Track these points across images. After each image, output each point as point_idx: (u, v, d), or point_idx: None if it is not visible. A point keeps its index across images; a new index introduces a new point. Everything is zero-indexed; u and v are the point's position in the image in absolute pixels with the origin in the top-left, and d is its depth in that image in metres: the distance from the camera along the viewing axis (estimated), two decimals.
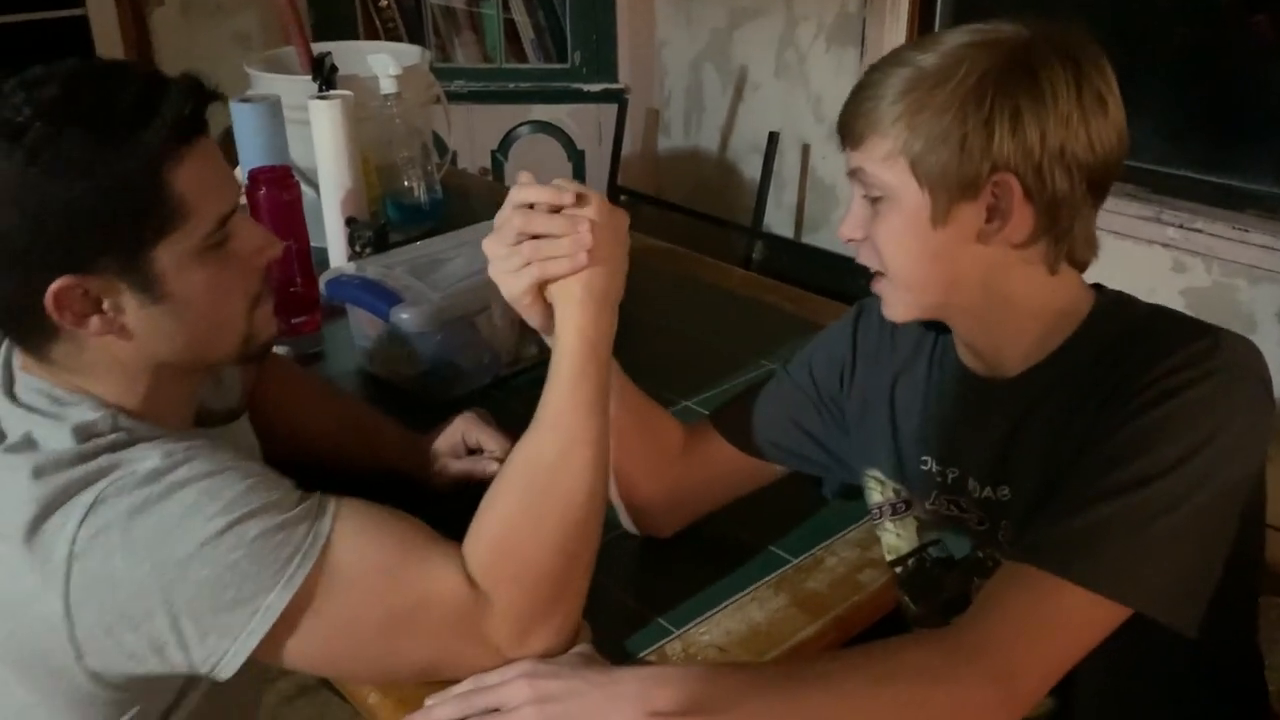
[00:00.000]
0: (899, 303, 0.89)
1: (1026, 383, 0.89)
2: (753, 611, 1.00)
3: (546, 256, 0.87)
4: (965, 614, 0.82)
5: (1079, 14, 2.45)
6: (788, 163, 3.00)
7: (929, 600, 0.99)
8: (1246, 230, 2.13)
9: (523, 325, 1.39)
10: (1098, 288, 0.90)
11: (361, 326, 1.41)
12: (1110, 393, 0.82)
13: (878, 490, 1.02)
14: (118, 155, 0.78)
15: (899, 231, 0.85)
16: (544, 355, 1.44)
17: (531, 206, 0.88)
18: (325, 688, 1.84)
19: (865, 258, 0.89)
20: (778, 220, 3.05)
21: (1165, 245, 2.26)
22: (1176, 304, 2.25)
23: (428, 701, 0.88)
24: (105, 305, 0.81)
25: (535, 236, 0.88)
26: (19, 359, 0.88)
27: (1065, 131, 0.80)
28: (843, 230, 0.89)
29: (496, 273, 0.90)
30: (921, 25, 2.69)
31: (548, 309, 0.91)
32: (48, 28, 2.80)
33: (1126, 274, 0.91)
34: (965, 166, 0.81)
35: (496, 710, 0.85)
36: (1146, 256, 2.27)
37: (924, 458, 0.97)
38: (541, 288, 0.89)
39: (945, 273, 0.86)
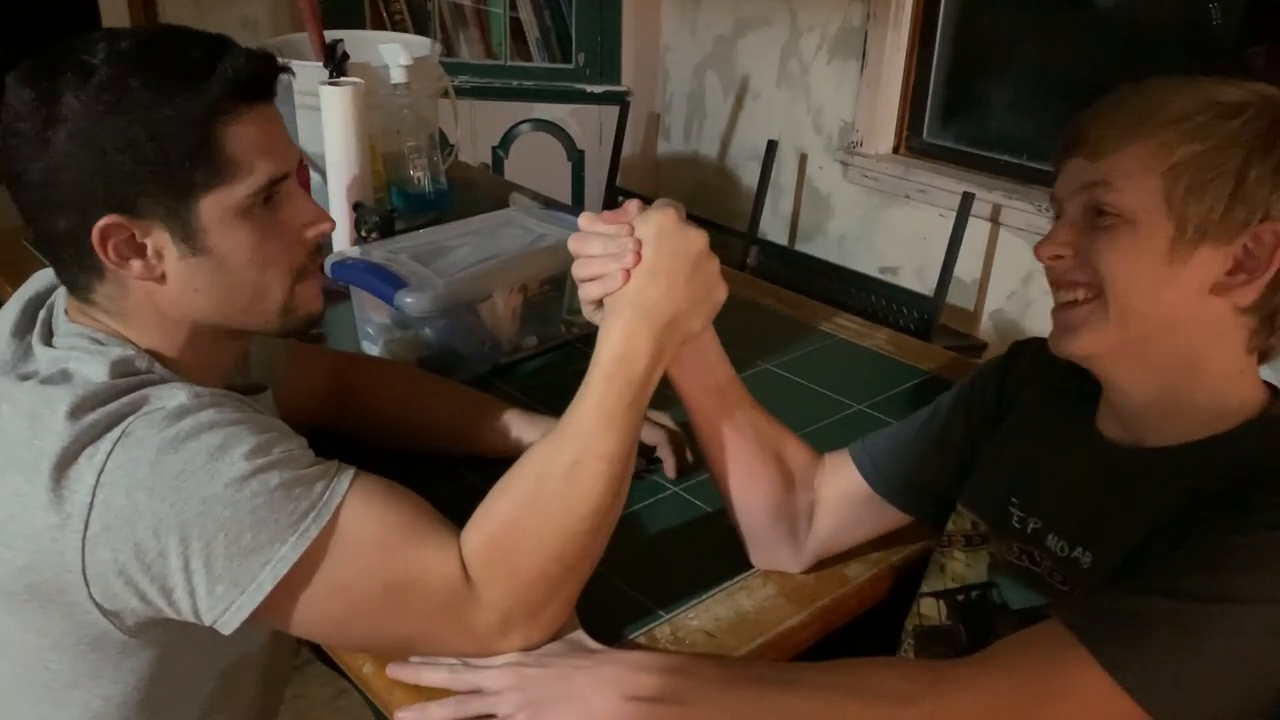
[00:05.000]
0: (1095, 333, 0.83)
1: (1165, 459, 0.84)
2: (741, 600, 1.02)
3: (588, 276, 0.89)
4: (978, 652, 0.79)
5: (1077, 41, 2.51)
6: (785, 171, 3.03)
7: (981, 638, 0.91)
8: None
9: (523, 315, 1.43)
10: (1271, 388, 0.85)
11: (364, 310, 1.43)
12: (1242, 501, 0.76)
13: (954, 520, 1.00)
14: (176, 101, 0.81)
15: (1129, 258, 0.80)
16: (542, 346, 1.48)
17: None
18: (311, 664, 1.85)
19: (1072, 276, 0.84)
20: (773, 227, 3.08)
21: None
22: None
23: (413, 659, 0.91)
24: (148, 250, 0.84)
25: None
26: (64, 306, 0.90)
27: None
28: (1047, 249, 0.84)
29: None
30: (923, 41, 2.73)
31: None
32: (55, 3, 2.81)
33: None
34: (1234, 210, 0.76)
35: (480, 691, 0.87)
36: None
37: (1013, 499, 0.94)
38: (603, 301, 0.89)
39: (1167, 313, 0.80)
